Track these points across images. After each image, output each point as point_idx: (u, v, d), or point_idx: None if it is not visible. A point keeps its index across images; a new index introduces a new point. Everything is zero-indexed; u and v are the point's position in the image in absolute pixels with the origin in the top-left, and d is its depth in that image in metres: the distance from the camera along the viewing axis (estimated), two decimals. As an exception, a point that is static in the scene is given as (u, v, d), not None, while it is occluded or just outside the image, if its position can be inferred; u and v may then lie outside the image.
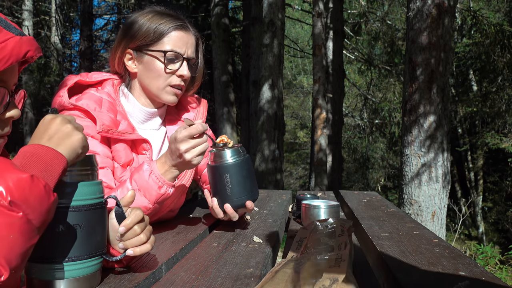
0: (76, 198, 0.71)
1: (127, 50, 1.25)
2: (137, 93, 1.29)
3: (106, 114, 1.17)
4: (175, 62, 1.24)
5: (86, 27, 10.11)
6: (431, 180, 3.64)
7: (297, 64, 16.83)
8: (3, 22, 0.72)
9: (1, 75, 0.72)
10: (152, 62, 1.23)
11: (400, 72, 10.02)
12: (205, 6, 10.50)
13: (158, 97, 1.27)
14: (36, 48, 0.74)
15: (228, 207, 1.17)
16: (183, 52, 1.24)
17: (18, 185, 0.60)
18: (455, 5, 3.77)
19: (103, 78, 1.28)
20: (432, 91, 3.60)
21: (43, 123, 0.72)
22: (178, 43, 1.23)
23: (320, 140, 5.94)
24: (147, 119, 1.31)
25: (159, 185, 1.08)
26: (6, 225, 0.57)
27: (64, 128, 0.71)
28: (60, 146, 0.69)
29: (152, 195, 1.09)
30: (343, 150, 11.45)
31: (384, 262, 0.94)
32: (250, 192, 1.18)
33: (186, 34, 1.26)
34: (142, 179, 1.08)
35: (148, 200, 1.09)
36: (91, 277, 0.75)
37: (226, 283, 0.81)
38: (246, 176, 1.17)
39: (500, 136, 8.86)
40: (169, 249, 1.04)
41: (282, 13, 5.81)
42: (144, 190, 1.08)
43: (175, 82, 1.25)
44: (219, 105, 7.36)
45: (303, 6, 11.48)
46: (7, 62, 0.69)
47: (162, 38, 1.22)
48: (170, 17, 1.25)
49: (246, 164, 1.18)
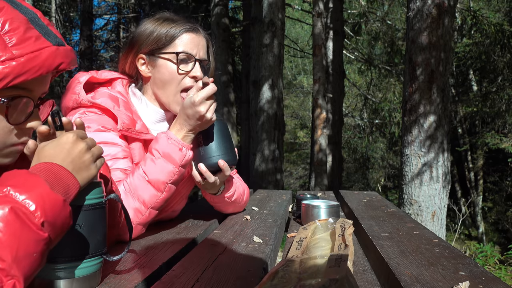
0: (77, 198, 0.71)
1: (140, 55, 1.26)
2: (149, 97, 1.30)
3: (124, 113, 1.19)
4: (187, 63, 1.25)
5: (86, 27, 10.12)
6: (431, 180, 3.64)
7: (297, 64, 16.83)
8: (44, 29, 0.71)
9: (28, 84, 0.71)
10: (165, 65, 1.24)
11: (400, 72, 10.02)
12: (205, 6, 10.51)
13: (167, 105, 1.28)
14: (71, 61, 0.73)
15: (201, 166, 1.18)
16: (195, 54, 1.25)
17: (53, 207, 0.60)
18: (455, 5, 3.77)
19: (113, 76, 1.29)
20: (432, 91, 3.60)
21: (67, 142, 0.70)
22: (189, 44, 1.25)
23: (320, 140, 5.94)
24: (159, 120, 1.32)
25: (179, 147, 1.12)
26: (34, 242, 0.58)
27: (86, 158, 0.71)
28: (78, 175, 0.69)
29: (175, 158, 1.11)
30: (343, 150, 11.45)
31: (384, 262, 0.94)
32: (225, 153, 1.19)
33: (197, 36, 1.28)
34: (162, 145, 1.12)
35: (173, 164, 1.11)
36: (91, 277, 0.75)
37: (226, 283, 0.81)
38: (220, 137, 1.19)
39: (500, 136, 8.86)
40: (169, 249, 1.04)
41: (282, 13, 5.81)
42: (167, 156, 1.11)
43: (189, 84, 1.25)
44: (219, 105, 7.36)
45: (303, 6, 11.48)
46: (37, 72, 0.68)
47: (174, 40, 1.24)
48: (181, 20, 1.27)
49: (221, 126, 1.20)
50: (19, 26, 0.66)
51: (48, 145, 0.70)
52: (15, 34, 0.66)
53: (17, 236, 0.56)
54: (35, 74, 0.67)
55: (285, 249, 1.14)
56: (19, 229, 0.56)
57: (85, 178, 0.70)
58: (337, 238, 1.04)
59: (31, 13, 0.71)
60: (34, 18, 0.70)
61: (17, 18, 0.67)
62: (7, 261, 0.54)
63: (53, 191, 0.62)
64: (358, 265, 1.00)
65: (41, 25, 0.70)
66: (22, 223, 0.57)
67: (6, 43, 0.65)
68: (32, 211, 0.58)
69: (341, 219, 1.21)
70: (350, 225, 1.12)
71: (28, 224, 0.57)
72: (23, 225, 0.57)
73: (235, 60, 11.48)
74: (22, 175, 0.61)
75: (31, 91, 0.73)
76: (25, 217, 0.57)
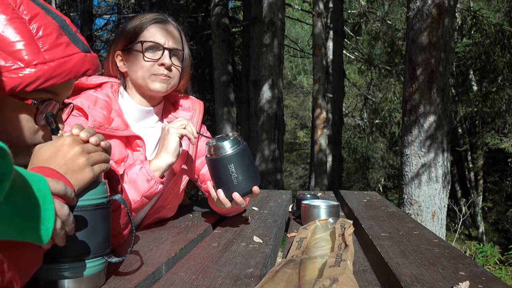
0: (81, 198, 0.71)
1: (117, 52, 1.31)
2: (132, 91, 1.33)
3: (99, 111, 1.20)
4: (154, 51, 1.27)
5: (86, 27, 10.12)
6: (431, 180, 3.64)
7: (297, 64, 16.83)
8: (73, 36, 0.74)
9: (56, 88, 0.73)
10: (135, 56, 1.28)
11: (400, 72, 10.02)
12: (205, 6, 10.50)
13: (146, 87, 1.29)
14: (96, 68, 0.76)
15: (236, 195, 1.19)
16: (162, 43, 1.28)
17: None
18: (455, 5, 3.77)
19: (102, 81, 1.32)
20: (432, 91, 3.60)
21: (62, 144, 0.71)
22: (158, 35, 1.28)
23: (320, 140, 5.94)
24: (142, 117, 1.34)
25: (147, 178, 1.14)
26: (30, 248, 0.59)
27: (80, 162, 0.71)
28: (72, 178, 0.70)
29: (140, 187, 1.14)
30: (343, 150, 11.44)
31: (384, 262, 0.94)
32: (255, 178, 1.21)
33: (166, 26, 1.31)
34: (133, 171, 1.15)
35: (136, 193, 1.14)
36: (95, 277, 0.75)
37: (226, 283, 0.81)
38: (249, 164, 1.19)
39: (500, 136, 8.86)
40: (169, 249, 1.04)
41: (282, 13, 5.81)
42: (133, 183, 1.14)
43: (158, 71, 1.28)
44: (219, 105, 7.36)
45: (303, 6, 11.47)
46: (66, 76, 0.71)
47: (141, 32, 1.27)
48: (150, 14, 1.31)
49: (247, 152, 1.21)
50: (51, 32, 0.69)
51: (43, 148, 0.71)
52: (48, 40, 0.68)
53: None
54: (64, 78, 0.70)
55: (285, 249, 1.14)
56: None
57: (80, 181, 0.70)
58: (337, 238, 1.04)
59: (61, 19, 0.73)
60: (64, 25, 0.73)
61: (50, 24, 0.70)
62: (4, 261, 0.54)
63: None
64: (358, 265, 1.00)
65: (70, 32, 0.73)
66: None
67: (39, 47, 0.67)
68: None
69: (341, 219, 1.21)
70: (350, 225, 1.13)
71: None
72: None
73: (235, 60, 11.48)
74: None
75: (58, 95, 0.75)
76: None
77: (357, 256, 1.08)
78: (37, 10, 0.69)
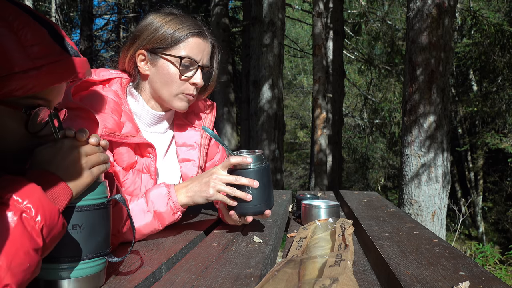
0: (81, 198, 0.72)
1: (141, 50, 1.22)
2: (147, 95, 1.26)
3: (109, 116, 1.13)
4: (190, 69, 1.21)
5: (86, 27, 10.12)
6: (431, 180, 3.64)
7: (297, 64, 16.82)
8: (61, 41, 0.73)
9: (46, 93, 0.73)
10: (166, 67, 1.20)
11: (400, 72, 10.02)
12: (205, 6, 10.51)
13: (168, 103, 1.24)
14: (86, 71, 0.76)
15: (248, 217, 1.16)
16: (198, 60, 1.21)
17: (50, 213, 0.62)
18: (455, 5, 3.77)
19: (111, 76, 1.24)
20: (432, 91, 3.60)
21: (62, 147, 0.71)
22: (195, 50, 1.20)
23: (320, 140, 5.94)
24: (155, 122, 1.29)
25: (174, 211, 1.11)
26: (30, 250, 0.59)
27: (79, 166, 0.71)
28: (71, 182, 0.70)
29: (164, 219, 1.11)
30: (343, 150, 11.45)
31: (384, 262, 0.94)
32: (269, 200, 1.17)
33: (204, 42, 1.23)
34: (159, 203, 1.10)
35: (160, 224, 1.12)
36: (96, 277, 0.75)
37: (226, 283, 0.81)
38: (267, 184, 1.15)
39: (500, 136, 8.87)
40: (169, 249, 1.04)
41: (282, 13, 5.81)
42: (158, 215, 1.10)
43: (188, 90, 1.23)
44: (219, 105, 7.36)
45: (303, 6, 11.47)
46: (55, 81, 0.70)
47: (179, 43, 1.19)
48: (189, 22, 1.22)
49: (267, 172, 1.16)
50: (39, 38, 0.69)
51: (43, 151, 0.71)
52: (36, 46, 0.68)
53: (15, 243, 0.57)
54: (54, 83, 0.70)
55: (285, 249, 1.14)
56: (19, 236, 0.57)
57: (78, 185, 0.71)
58: (337, 238, 1.04)
59: (49, 25, 0.73)
60: (53, 30, 0.72)
61: (39, 31, 0.69)
62: (3, 267, 0.55)
63: (49, 201, 0.63)
64: (358, 265, 1.00)
65: (59, 37, 0.73)
66: (23, 229, 0.58)
67: (28, 53, 0.67)
68: (33, 216, 0.59)
69: (341, 219, 1.21)
70: (350, 225, 1.13)
71: (29, 231, 0.58)
72: (24, 232, 0.58)
73: (235, 60, 11.49)
74: (18, 181, 0.62)
75: (49, 101, 0.75)
76: (26, 223, 0.58)
77: (357, 256, 1.08)
78: (24, 17, 0.69)
